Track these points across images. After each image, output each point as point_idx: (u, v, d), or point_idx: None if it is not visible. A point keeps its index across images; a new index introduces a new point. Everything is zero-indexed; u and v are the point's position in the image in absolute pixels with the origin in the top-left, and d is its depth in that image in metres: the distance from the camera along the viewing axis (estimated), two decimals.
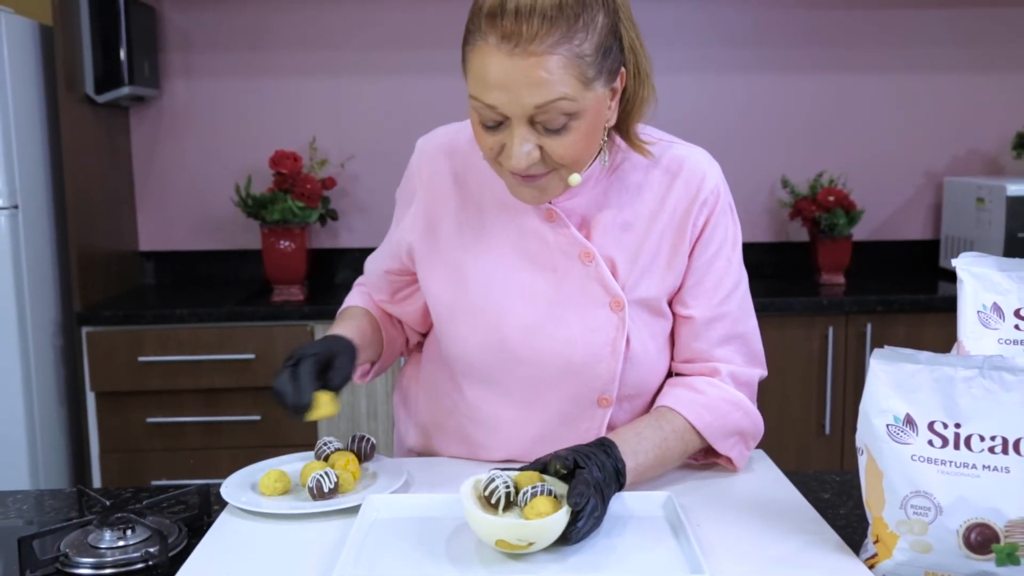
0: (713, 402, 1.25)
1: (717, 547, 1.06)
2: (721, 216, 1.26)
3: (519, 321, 1.23)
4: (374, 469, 1.29)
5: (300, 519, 1.15)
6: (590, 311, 1.23)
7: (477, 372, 1.28)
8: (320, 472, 1.18)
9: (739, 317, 1.28)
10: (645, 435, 1.20)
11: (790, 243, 3.23)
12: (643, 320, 1.25)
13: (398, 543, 1.07)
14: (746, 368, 1.28)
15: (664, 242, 1.24)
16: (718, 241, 1.26)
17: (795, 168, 3.18)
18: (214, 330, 2.64)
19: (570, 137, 1.10)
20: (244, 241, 3.16)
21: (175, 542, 1.10)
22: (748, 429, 1.28)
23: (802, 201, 3.03)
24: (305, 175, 2.91)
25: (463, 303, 1.25)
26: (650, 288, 1.25)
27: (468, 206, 1.27)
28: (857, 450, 1.02)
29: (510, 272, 1.24)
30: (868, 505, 1.01)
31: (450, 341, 1.29)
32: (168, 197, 3.15)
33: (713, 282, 1.26)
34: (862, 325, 2.74)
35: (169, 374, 2.64)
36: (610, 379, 1.25)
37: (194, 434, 2.69)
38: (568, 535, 1.03)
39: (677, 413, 1.24)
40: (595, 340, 1.23)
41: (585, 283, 1.23)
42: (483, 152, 1.15)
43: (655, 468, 1.21)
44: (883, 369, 0.98)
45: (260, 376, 2.62)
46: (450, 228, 1.27)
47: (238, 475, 1.26)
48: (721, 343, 1.27)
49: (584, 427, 1.27)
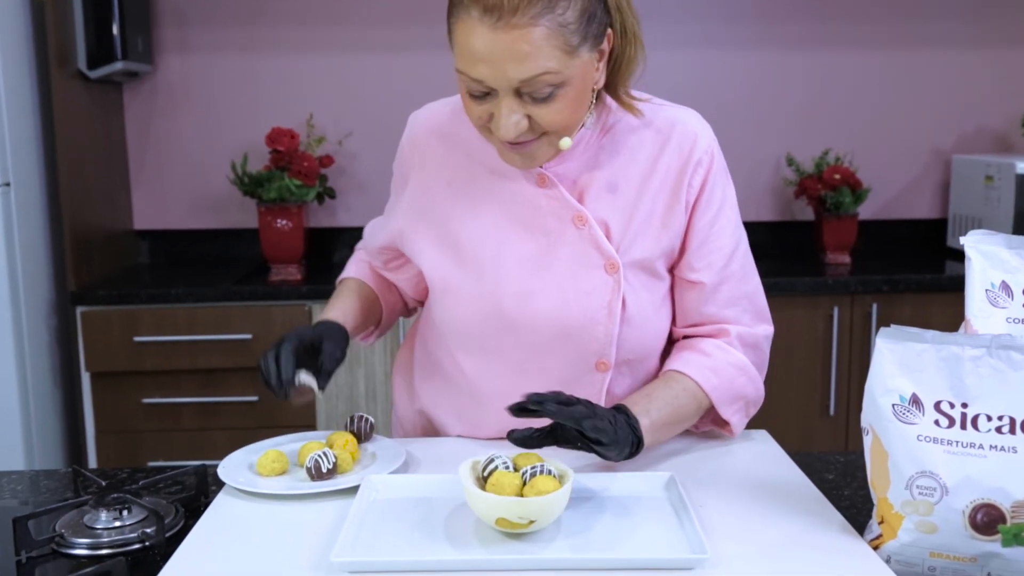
0: (720, 365, 1.26)
1: (720, 527, 1.07)
2: (718, 176, 1.27)
3: (514, 287, 1.24)
4: (373, 449, 1.29)
5: (298, 500, 1.15)
6: (585, 274, 1.24)
7: (474, 341, 1.29)
8: (318, 452, 1.18)
9: (743, 276, 1.29)
10: (655, 395, 1.22)
11: (795, 222, 3.23)
12: (639, 281, 1.26)
13: (397, 523, 1.07)
14: (753, 327, 1.30)
15: (658, 203, 1.25)
16: (717, 202, 1.27)
17: (800, 146, 3.17)
18: (210, 310, 2.64)
19: (557, 104, 1.12)
20: (240, 220, 3.15)
21: (172, 523, 1.10)
22: (751, 395, 1.29)
23: (807, 179, 3.02)
24: (302, 153, 2.90)
25: (458, 272, 1.27)
26: (644, 249, 1.25)
27: (459, 176, 1.28)
28: (862, 430, 1.02)
29: (504, 238, 1.25)
30: (873, 486, 1.01)
31: (446, 312, 1.30)
32: (163, 175, 3.14)
33: (717, 244, 1.27)
34: (868, 305, 2.74)
35: (165, 354, 2.64)
36: (607, 342, 1.25)
37: (191, 414, 2.69)
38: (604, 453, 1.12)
39: (686, 375, 1.25)
40: (590, 303, 1.24)
41: (579, 246, 1.24)
42: (472, 121, 1.17)
43: (671, 426, 1.22)
44: (889, 348, 0.98)
45: (257, 356, 2.59)
46: (443, 199, 1.29)
47: (235, 455, 1.26)
48: (728, 304, 1.28)
49: (583, 393, 1.27)
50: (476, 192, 1.27)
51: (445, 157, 1.29)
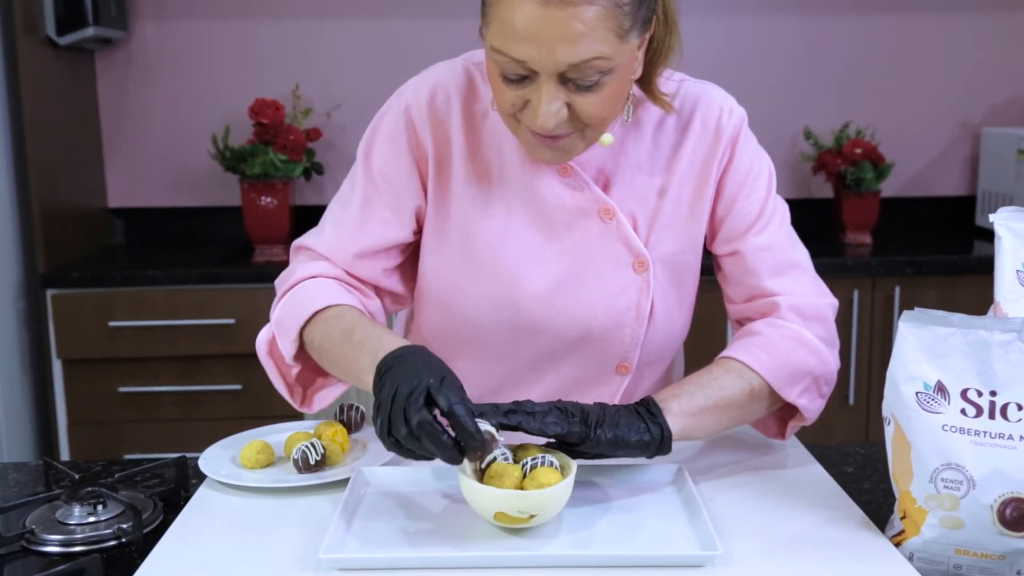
0: (771, 341, 1.19)
1: (731, 522, 1.07)
2: (746, 144, 1.24)
3: (534, 287, 1.22)
4: (363, 440, 1.29)
5: (284, 493, 1.16)
6: (612, 273, 1.22)
7: (484, 346, 1.27)
8: (306, 443, 1.18)
9: (788, 245, 1.25)
10: (688, 381, 1.16)
11: (813, 200, 3.22)
12: (667, 278, 1.25)
13: (389, 518, 1.07)
14: (812, 299, 1.23)
15: (685, 188, 1.24)
16: (746, 167, 1.24)
17: (819, 118, 3.17)
18: (191, 293, 2.64)
19: (602, 94, 1.07)
20: (222, 197, 3.15)
21: (150, 518, 1.10)
22: (817, 370, 1.20)
23: (826, 154, 3.02)
24: (288, 125, 2.89)
25: (471, 270, 1.23)
26: (675, 242, 1.24)
27: (472, 161, 1.23)
28: (884, 420, 1.02)
29: (522, 233, 1.22)
30: (895, 479, 1.01)
31: (453, 316, 1.26)
32: (139, 149, 3.13)
33: (749, 209, 1.24)
34: (890, 288, 2.74)
35: (142, 340, 2.64)
36: (632, 345, 1.25)
37: (170, 404, 2.69)
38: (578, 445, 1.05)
39: (729, 358, 1.20)
40: (618, 304, 1.23)
41: (605, 242, 1.22)
42: (500, 107, 1.12)
43: (715, 411, 1.14)
44: (912, 333, 0.98)
45: (241, 342, 2.62)
46: (454, 186, 1.23)
47: (217, 447, 1.26)
48: (774, 273, 1.23)
49: (597, 393, 1.28)
50: (491, 179, 1.22)
51: (456, 138, 1.22)
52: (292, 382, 1.25)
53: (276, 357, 1.25)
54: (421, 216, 1.26)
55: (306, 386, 1.27)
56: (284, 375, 1.25)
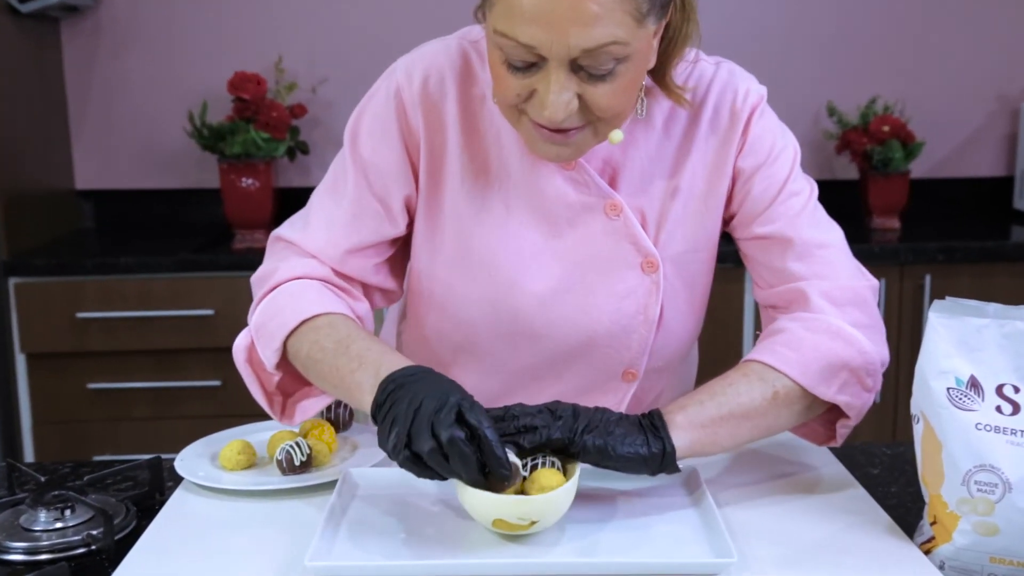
0: (796, 336, 1.16)
1: (748, 528, 1.07)
2: (763, 121, 1.23)
3: (534, 289, 1.22)
4: (353, 439, 1.29)
5: (267, 497, 1.16)
6: (618, 274, 1.22)
7: (479, 352, 1.27)
8: (290, 443, 1.19)
9: (814, 224, 1.22)
10: (700, 389, 1.14)
11: (836, 181, 3.22)
12: (679, 279, 1.25)
13: (380, 523, 1.07)
14: (845, 281, 1.20)
15: (698, 180, 1.23)
16: (764, 146, 1.22)
17: (843, 93, 3.16)
18: (165, 281, 2.64)
19: (615, 84, 1.06)
20: (199, 178, 3.15)
21: (122, 523, 1.11)
22: (855, 362, 1.15)
23: (851, 132, 3.02)
24: (270, 101, 2.89)
25: (465, 270, 1.23)
26: (687, 239, 1.24)
27: (468, 151, 1.21)
28: (912, 418, 1.02)
29: (521, 231, 1.22)
30: (924, 481, 1.02)
31: (445, 320, 1.26)
32: (109, 127, 3.13)
33: (770, 190, 1.22)
34: (920, 277, 2.74)
35: (113, 333, 2.64)
36: (640, 351, 1.25)
37: (143, 402, 2.70)
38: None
39: (749, 360, 1.17)
40: (625, 308, 1.23)
41: (612, 241, 1.21)
42: (502, 98, 1.10)
43: (730, 421, 1.11)
44: (944, 324, 0.98)
45: (220, 335, 2.62)
46: (448, 179, 1.22)
47: (195, 447, 1.27)
48: (800, 257, 1.21)
49: (602, 401, 1.27)
50: (488, 171, 1.22)
51: (451, 124, 1.21)
52: (272, 390, 1.25)
53: (255, 364, 1.24)
54: (413, 208, 1.25)
55: (287, 395, 1.26)
56: (263, 383, 1.24)
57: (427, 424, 0.97)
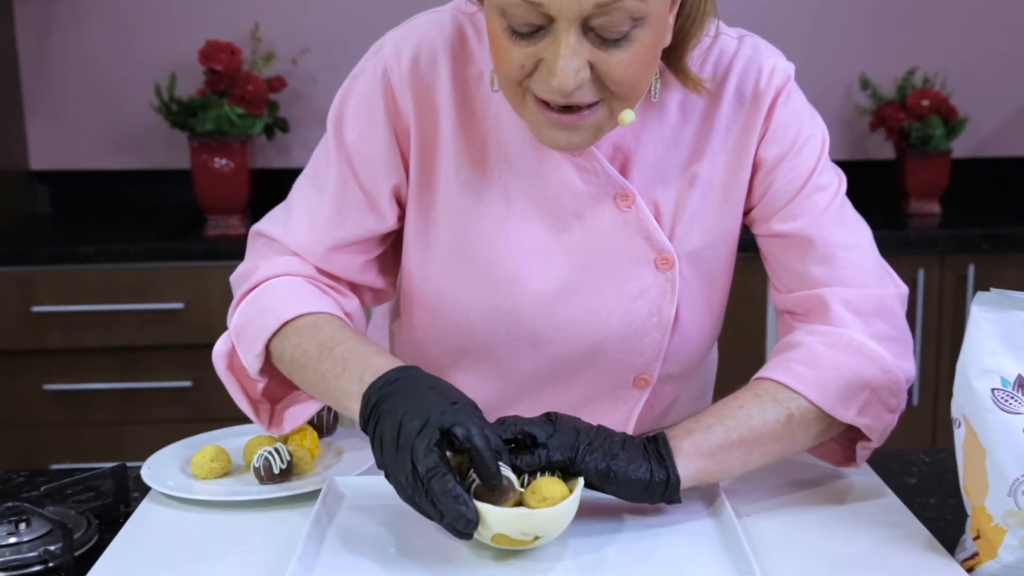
0: (813, 353, 1.16)
1: (772, 544, 1.07)
2: (790, 104, 1.22)
3: (537, 289, 1.22)
4: (338, 444, 1.30)
5: (244, 508, 1.16)
6: (629, 272, 1.22)
7: (477, 357, 1.27)
8: (269, 448, 1.19)
9: (841, 223, 1.22)
10: (707, 411, 1.15)
11: (870, 162, 3.22)
12: (695, 277, 1.25)
13: (368, 538, 1.08)
14: (871, 289, 1.20)
15: (718, 168, 1.23)
16: (791, 132, 1.22)
17: (878, 64, 3.16)
18: (130, 272, 2.64)
19: (631, 51, 1.04)
20: (167, 159, 3.15)
21: (83, 538, 1.11)
22: (877, 380, 1.15)
23: (887, 107, 3.01)
24: (246, 73, 2.89)
25: (461, 268, 1.23)
26: (705, 233, 1.24)
27: (464, 136, 1.21)
28: (953, 422, 1.02)
29: (523, 224, 1.22)
30: (967, 492, 1.02)
31: (439, 324, 1.27)
32: (67, 101, 3.13)
33: (794, 182, 1.22)
34: (962, 267, 2.74)
35: (72, 329, 2.64)
36: (653, 356, 1.25)
37: (106, 404, 2.70)
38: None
39: (761, 379, 1.17)
40: (637, 309, 1.23)
41: (623, 235, 1.21)
42: (504, 73, 1.08)
43: (739, 448, 1.12)
44: (988, 318, 0.98)
45: (190, 331, 2.63)
46: (441, 168, 1.22)
47: (164, 454, 1.27)
48: (822, 260, 1.21)
49: (611, 409, 1.28)
50: (487, 159, 1.21)
51: (446, 105, 1.20)
52: (257, 397, 1.25)
53: (237, 371, 1.24)
54: (403, 200, 1.25)
55: (275, 401, 1.27)
56: (247, 391, 1.25)
57: (406, 450, 0.97)
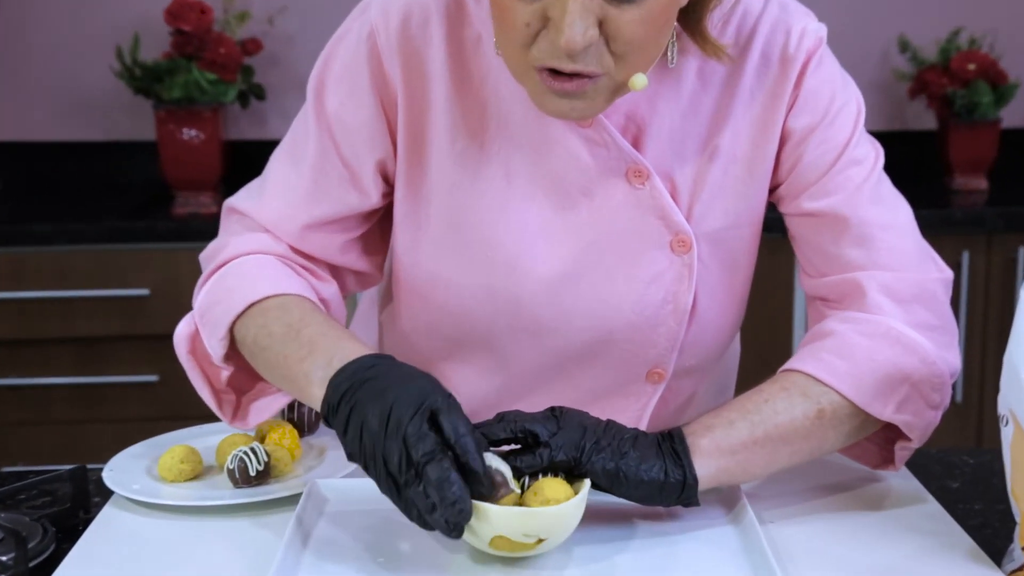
0: (847, 342, 1.16)
1: (798, 554, 1.07)
2: (821, 70, 1.22)
3: (541, 273, 1.22)
4: (320, 444, 1.30)
5: (217, 514, 1.16)
6: (643, 255, 1.22)
7: (474, 350, 1.28)
8: (244, 448, 1.19)
9: (878, 200, 1.23)
10: (728, 406, 1.15)
11: (909, 132, 3.22)
12: (716, 260, 1.25)
13: (353, 545, 1.08)
14: (910, 272, 1.20)
15: (741, 141, 1.23)
16: (822, 101, 1.22)
17: (919, 24, 3.16)
18: (90, 255, 2.64)
19: (645, 8, 1.04)
20: (131, 129, 3.15)
21: (38, 547, 1.11)
22: (916, 372, 1.15)
23: (928, 71, 3.01)
24: (218, 35, 2.88)
25: (456, 250, 1.23)
26: (727, 213, 1.24)
27: (460, 105, 1.21)
28: (1000, 419, 1.02)
29: (525, 202, 1.22)
30: (1015, 496, 1.02)
31: (432, 312, 1.27)
32: (18, 67, 3.13)
33: (826, 156, 1.22)
34: (1011, 248, 2.74)
35: (26, 317, 2.65)
36: (668, 347, 1.25)
37: (64, 401, 2.70)
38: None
39: (790, 371, 1.17)
40: (650, 296, 1.23)
41: (635, 214, 1.22)
42: (506, 34, 1.08)
43: (763, 446, 1.12)
44: None
45: (157, 320, 2.62)
46: (434, 141, 1.22)
47: (128, 454, 1.27)
48: (858, 241, 1.21)
49: (622, 406, 1.28)
50: (486, 130, 1.21)
51: (441, 70, 1.20)
52: (222, 388, 1.25)
53: (200, 356, 1.24)
54: (390, 176, 1.26)
55: (240, 392, 1.27)
56: (210, 379, 1.25)
57: (397, 436, 0.97)
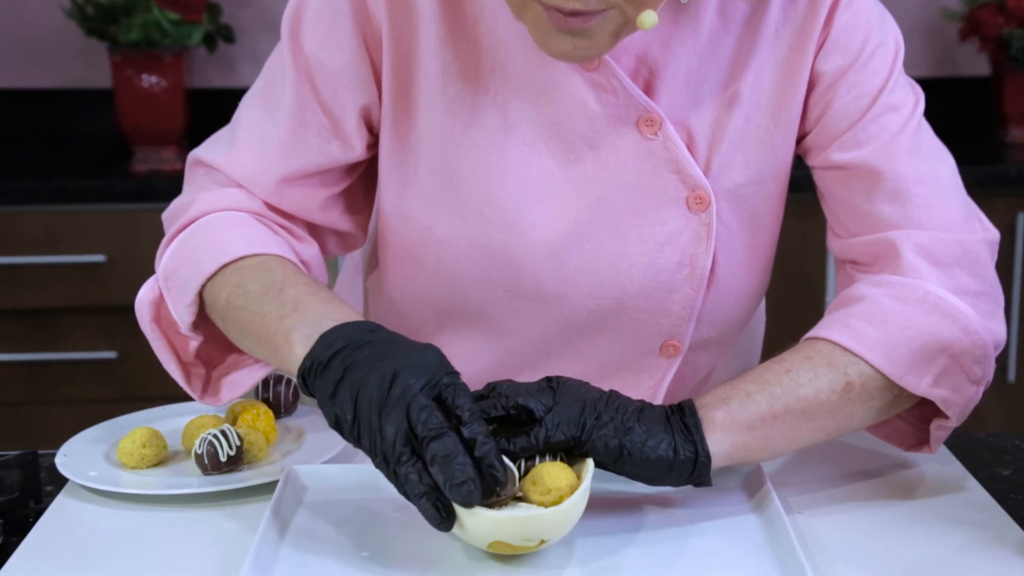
0: (879, 308, 1.16)
1: (829, 547, 1.08)
2: (853, 4, 1.22)
3: (542, 233, 1.23)
4: (298, 426, 1.31)
5: (184, 503, 1.17)
6: (656, 213, 1.23)
7: (472, 314, 1.29)
8: (214, 431, 1.19)
9: (916, 150, 1.23)
10: (746, 377, 1.15)
11: (960, 79, 3.22)
12: (737, 219, 1.26)
13: (335, 539, 1.08)
14: (952, 232, 1.20)
15: (765, 87, 1.23)
16: (855, 41, 1.22)
17: None
18: (40, 217, 2.65)
19: None
20: (84, 76, 3.16)
21: None
22: (957, 343, 1.14)
23: (980, 10, 3.00)
24: None
25: (449, 208, 1.24)
26: (750, 166, 1.24)
27: (453, 46, 1.21)
28: None
29: (525, 153, 1.22)
30: None
31: (427, 268, 1.27)
32: None
33: (859, 101, 1.22)
34: None
35: None
36: (685, 316, 1.26)
37: (12, 379, 2.72)
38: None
39: (815, 338, 1.18)
40: (664, 259, 1.24)
41: (647, 168, 1.22)
42: None
43: (783, 421, 1.12)
44: None
45: (115, 289, 2.63)
46: (423, 85, 1.22)
47: (84, 438, 1.28)
48: (893, 197, 1.21)
49: (633, 383, 1.29)
50: (482, 76, 1.22)
51: (424, 14, 1.20)
52: (190, 360, 1.26)
53: (165, 325, 1.25)
54: (375, 124, 1.26)
55: (211, 366, 1.28)
56: (177, 350, 1.25)
57: (400, 408, 0.97)
